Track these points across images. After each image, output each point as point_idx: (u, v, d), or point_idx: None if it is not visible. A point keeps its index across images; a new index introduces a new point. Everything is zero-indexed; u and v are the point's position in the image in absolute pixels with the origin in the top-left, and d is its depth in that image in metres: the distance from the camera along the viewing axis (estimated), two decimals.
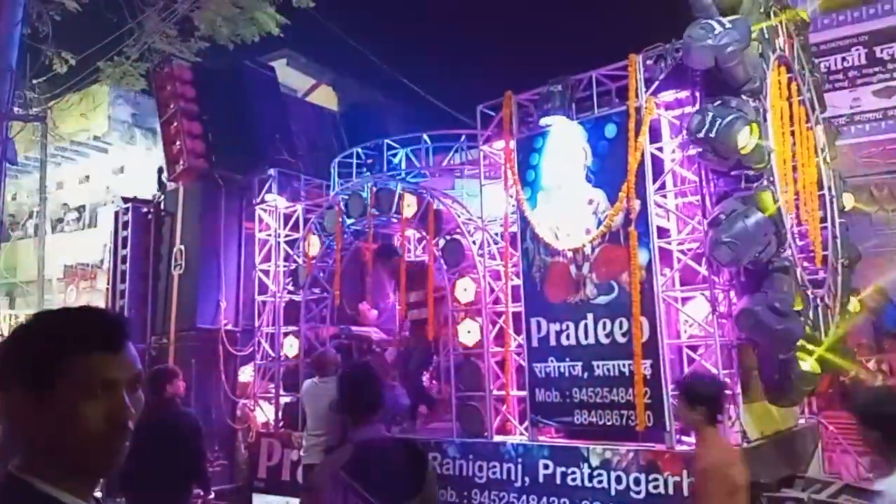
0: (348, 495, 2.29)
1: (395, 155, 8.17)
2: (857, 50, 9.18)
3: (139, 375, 1.26)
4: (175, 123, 9.21)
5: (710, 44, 4.77)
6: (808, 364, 5.07)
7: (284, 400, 8.20)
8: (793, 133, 5.82)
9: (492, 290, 6.69)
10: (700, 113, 4.97)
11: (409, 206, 7.46)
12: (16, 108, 9.55)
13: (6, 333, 12.99)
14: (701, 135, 4.88)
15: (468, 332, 6.65)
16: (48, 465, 1.15)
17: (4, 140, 6.51)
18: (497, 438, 6.24)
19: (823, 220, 6.34)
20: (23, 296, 17.70)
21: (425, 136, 7.98)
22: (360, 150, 8.50)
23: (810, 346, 5.13)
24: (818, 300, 5.69)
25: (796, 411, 6.37)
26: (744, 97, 5.06)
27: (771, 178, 5.16)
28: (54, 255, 16.94)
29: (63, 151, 18.08)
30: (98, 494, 1.29)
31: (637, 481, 5.32)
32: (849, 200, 6.87)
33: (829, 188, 6.50)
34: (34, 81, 11.95)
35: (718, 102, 4.97)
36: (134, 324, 9.32)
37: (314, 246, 8.28)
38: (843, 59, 9.25)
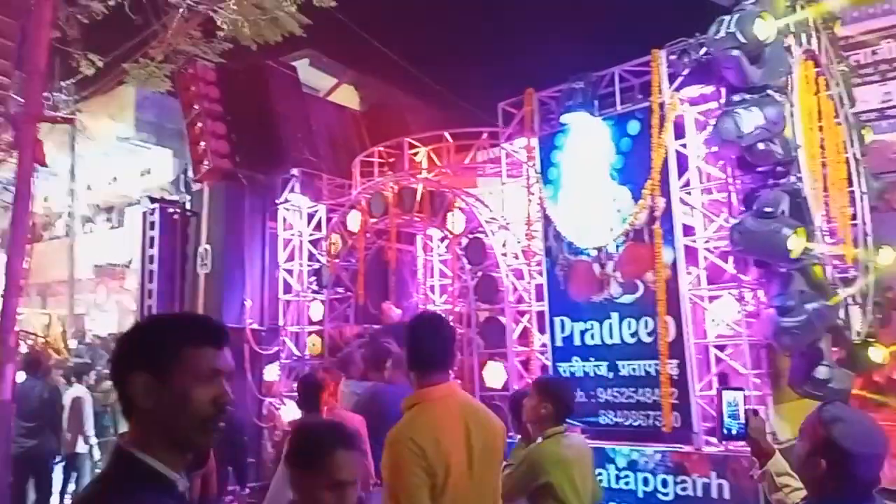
0: None
1: (416, 153, 8.17)
2: (888, 43, 8.97)
3: (233, 373, 1.48)
4: (199, 124, 9.31)
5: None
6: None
7: None
8: (821, 129, 5.71)
9: (515, 290, 6.66)
10: (729, 118, 4.88)
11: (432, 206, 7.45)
12: (45, 111, 9.71)
13: (39, 333, 13.25)
14: (748, 132, 4.79)
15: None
16: (155, 440, 1.35)
17: (34, 142, 6.62)
18: None
19: (854, 217, 6.21)
20: (54, 295, 18.04)
21: (447, 135, 7.97)
22: (381, 148, 8.51)
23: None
24: (849, 299, 5.57)
25: None
26: (770, 92, 4.97)
27: (798, 175, 5.06)
28: (84, 255, 17.24)
29: (91, 153, 18.37)
30: None
31: (665, 483, 5.27)
32: (868, 133, 6.66)
33: (859, 185, 6.35)
34: (62, 84, 12.14)
35: (743, 100, 4.88)
36: None
37: (337, 245, 8.32)
38: (874, 52, 9.04)
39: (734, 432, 2.76)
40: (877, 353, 5.56)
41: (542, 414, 3.40)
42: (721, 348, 5.51)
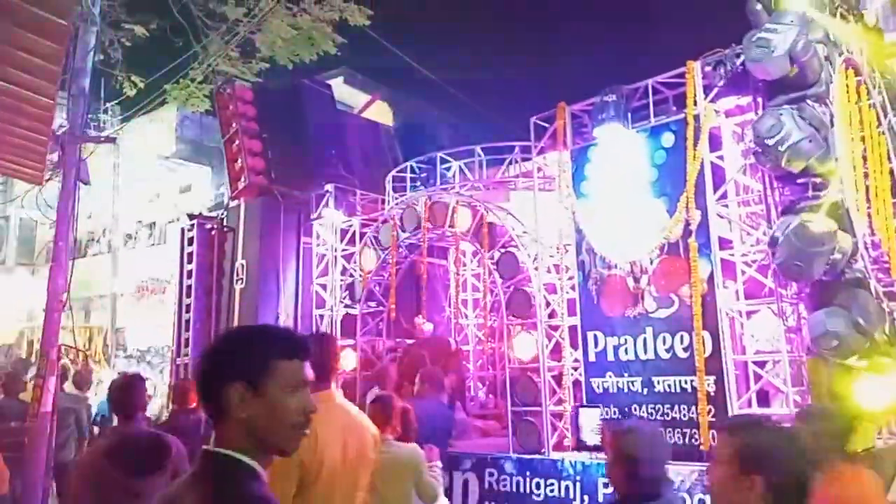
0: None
1: (448, 168, 8.20)
2: None
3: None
4: (237, 142, 9.50)
5: (780, 52, 4.64)
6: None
7: None
8: (863, 138, 5.55)
9: (547, 304, 6.60)
10: (773, 116, 4.77)
11: (463, 220, 7.46)
12: (89, 131, 10.03)
13: (80, 346, 13.59)
14: (771, 142, 4.69)
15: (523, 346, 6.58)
16: (247, 444, 1.45)
17: (78, 161, 6.81)
18: (554, 455, 6.12)
19: None
20: (97, 309, 18.50)
21: (478, 149, 7.98)
22: (414, 163, 8.57)
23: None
24: (894, 314, 5.37)
25: (874, 431, 6.01)
26: (809, 102, 4.86)
27: (840, 186, 4.92)
28: (126, 270, 17.66)
29: (134, 171, 18.87)
30: None
31: (702, 503, 5.12)
32: None
33: None
34: (106, 105, 12.52)
35: (794, 108, 4.76)
36: (198, 337, 9.61)
37: (370, 260, 8.37)
38: None
39: (591, 444, 3.29)
40: None
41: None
42: (760, 364, 5.36)
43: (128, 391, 3.65)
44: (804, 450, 1.92)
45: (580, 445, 5.84)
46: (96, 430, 8.03)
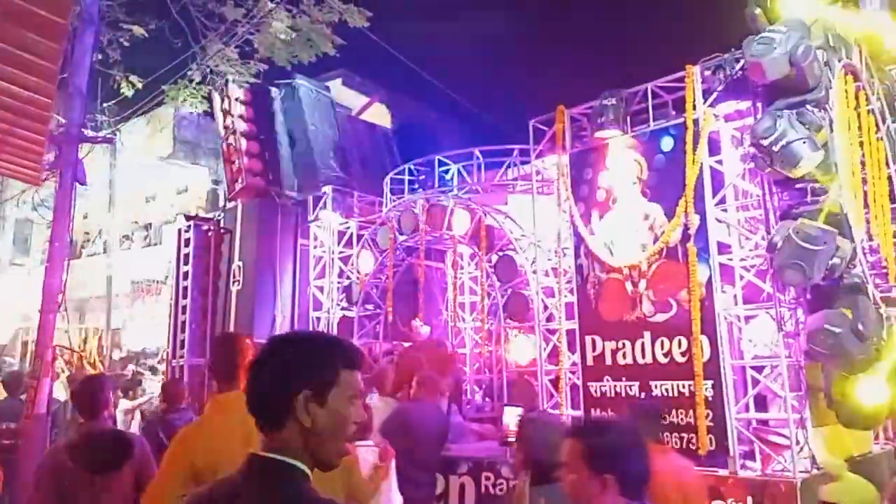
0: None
1: (447, 171, 8.19)
2: None
3: None
4: (234, 143, 9.48)
5: (780, 52, 4.64)
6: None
7: None
8: (861, 144, 5.55)
9: (545, 307, 6.59)
10: (771, 118, 4.77)
11: (461, 222, 7.45)
12: (86, 131, 9.98)
13: (76, 347, 13.53)
14: (765, 142, 4.70)
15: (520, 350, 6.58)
16: (300, 450, 1.44)
17: (75, 161, 6.78)
18: None
19: None
20: (92, 310, 18.42)
21: (477, 152, 7.97)
22: (412, 166, 8.55)
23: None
24: (891, 319, 5.37)
25: (871, 436, 6.02)
26: (808, 107, 4.86)
27: (839, 192, 4.92)
28: (122, 271, 17.59)
29: (130, 171, 18.81)
30: None
31: None
32: None
33: None
34: (104, 105, 12.47)
35: (792, 112, 4.77)
36: (194, 338, 9.57)
37: (367, 262, 8.35)
38: None
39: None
40: None
41: None
42: (758, 369, 5.36)
43: (91, 390, 3.69)
44: (644, 444, 2.06)
45: (503, 442, 6.03)
46: None
